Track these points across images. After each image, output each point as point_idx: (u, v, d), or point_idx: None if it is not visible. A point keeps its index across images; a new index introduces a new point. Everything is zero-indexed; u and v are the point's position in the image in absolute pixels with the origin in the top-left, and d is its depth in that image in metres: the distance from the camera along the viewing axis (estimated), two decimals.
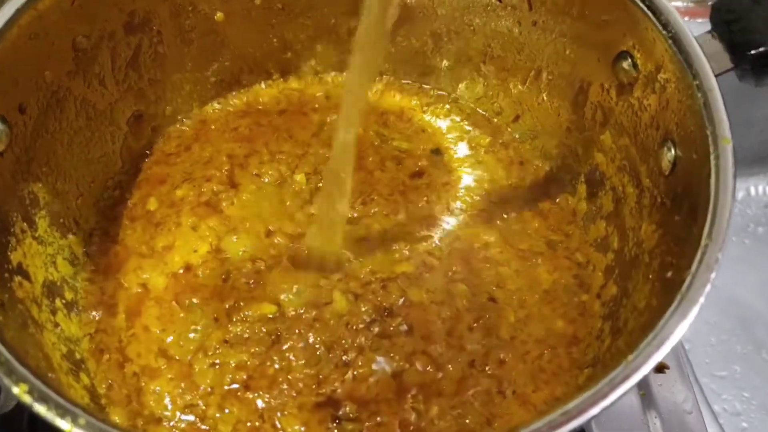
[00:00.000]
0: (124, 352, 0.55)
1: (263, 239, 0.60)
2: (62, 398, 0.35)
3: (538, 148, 0.67)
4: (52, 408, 0.34)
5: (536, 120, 0.67)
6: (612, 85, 0.57)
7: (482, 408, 0.52)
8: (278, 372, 0.53)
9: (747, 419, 1.08)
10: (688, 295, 0.39)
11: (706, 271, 0.39)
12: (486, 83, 0.70)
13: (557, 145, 0.66)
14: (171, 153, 0.67)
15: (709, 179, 0.43)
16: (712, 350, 1.15)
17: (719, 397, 1.11)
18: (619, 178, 0.58)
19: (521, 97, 0.68)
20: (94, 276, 0.59)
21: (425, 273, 0.58)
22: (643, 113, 0.53)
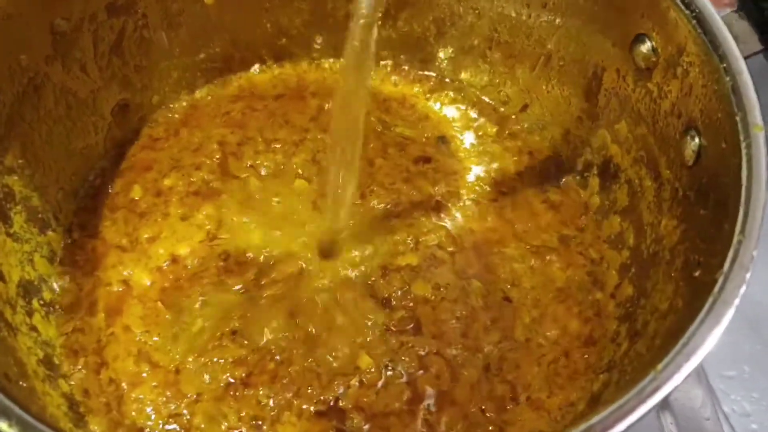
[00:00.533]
0: (101, 354, 0.51)
1: (257, 230, 0.57)
2: (28, 413, 0.31)
3: (548, 138, 0.64)
4: (15, 424, 0.31)
5: (545, 109, 0.64)
6: (629, 70, 0.53)
7: (495, 416, 0.49)
8: (278, 367, 0.50)
9: (757, 420, 1.04)
10: (721, 296, 0.35)
11: (741, 270, 0.35)
12: (492, 70, 0.66)
13: (567, 136, 0.62)
14: (158, 138, 0.63)
15: (739, 170, 0.40)
16: (721, 350, 1.11)
17: (728, 398, 1.08)
18: (636, 171, 0.54)
19: (529, 85, 0.64)
20: (71, 272, 0.55)
21: (433, 267, 0.55)
22: (663, 100, 0.50)
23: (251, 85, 0.67)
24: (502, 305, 0.54)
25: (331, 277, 0.55)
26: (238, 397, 0.49)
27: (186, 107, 0.65)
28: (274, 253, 0.56)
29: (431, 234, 0.57)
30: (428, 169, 0.62)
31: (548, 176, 0.61)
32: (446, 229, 0.58)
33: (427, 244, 0.57)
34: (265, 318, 0.52)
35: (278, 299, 0.53)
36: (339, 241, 0.55)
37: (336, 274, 0.55)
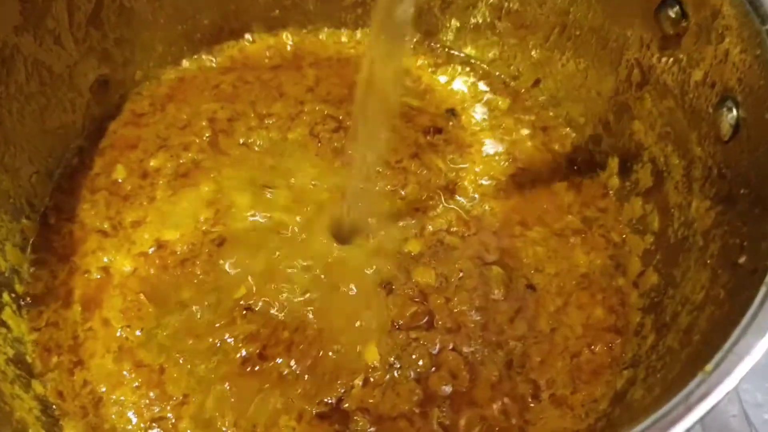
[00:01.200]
0: (77, 351, 0.47)
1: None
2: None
3: (562, 115, 0.59)
4: None
5: (559, 84, 0.59)
6: (654, 38, 0.49)
7: (517, 416, 0.45)
8: (276, 363, 0.46)
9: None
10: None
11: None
12: (501, 43, 0.62)
13: (584, 113, 0.58)
14: (143, 113, 0.58)
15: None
16: None
17: (740, 388, 1.04)
18: (661, 148, 0.50)
19: (542, 58, 0.59)
20: (44, 258, 0.50)
21: (444, 253, 0.51)
22: (694, 69, 0.45)
23: (244, 56, 0.63)
24: (526, 294, 0.50)
25: (336, 263, 0.50)
26: (229, 397, 0.45)
27: (172, 79, 0.61)
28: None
29: (439, 219, 0.53)
30: (439, 141, 0.57)
31: (566, 153, 0.57)
32: (458, 211, 0.53)
33: (437, 229, 0.52)
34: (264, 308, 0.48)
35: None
36: (349, 225, 0.51)
37: (341, 260, 0.50)
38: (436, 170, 0.56)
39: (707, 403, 0.27)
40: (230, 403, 0.44)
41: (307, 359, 0.46)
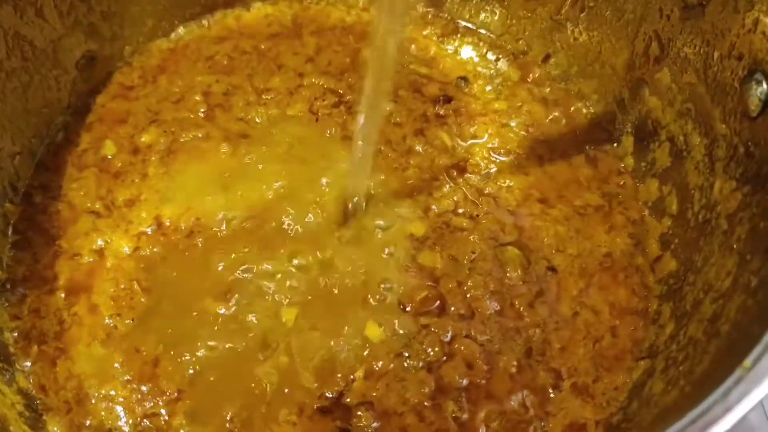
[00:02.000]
0: (61, 339, 0.44)
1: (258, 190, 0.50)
2: None
3: (574, 91, 0.56)
4: None
5: (571, 59, 0.56)
6: (674, 7, 0.46)
7: (536, 407, 0.43)
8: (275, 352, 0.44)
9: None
10: None
11: None
12: (509, 15, 0.59)
13: (597, 89, 0.55)
14: (132, 86, 0.55)
15: None
16: None
17: None
18: (680, 126, 0.47)
19: (553, 31, 0.56)
20: (27, 240, 0.48)
21: (447, 234, 0.48)
22: (719, 40, 0.42)
23: (240, 24, 0.60)
24: (546, 276, 0.47)
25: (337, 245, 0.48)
26: (227, 391, 0.42)
27: (164, 50, 0.58)
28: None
29: (448, 198, 0.50)
30: (449, 111, 0.54)
31: (581, 126, 0.54)
32: (466, 191, 0.51)
33: (443, 210, 0.50)
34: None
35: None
36: (354, 205, 0.48)
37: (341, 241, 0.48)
38: (441, 147, 0.53)
39: (748, 402, 0.25)
40: (228, 397, 0.42)
41: (308, 350, 0.44)
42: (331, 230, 0.48)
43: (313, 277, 0.46)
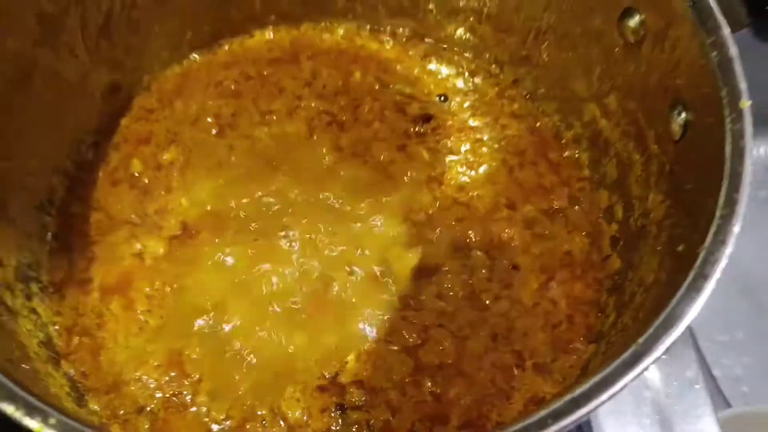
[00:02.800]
0: (99, 332, 0.52)
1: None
2: (32, 395, 0.33)
3: (541, 109, 0.64)
4: (21, 407, 0.32)
5: (537, 83, 0.64)
6: (618, 45, 0.53)
7: (503, 383, 0.51)
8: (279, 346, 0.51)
9: (748, 384, 1.07)
10: (702, 271, 0.36)
11: (722, 246, 0.36)
12: (482, 42, 0.66)
13: (559, 109, 0.63)
14: (152, 109, 0.63)
15: (724, 144, 0.40)
16: (714, 316, 1.13)
17: (720, 363, 1.10)
18: (624, 144, 0.55)
19: (520, 59, 0.64)
20: (64, 248, 0.55)
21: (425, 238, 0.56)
22: (652, 74, 0.50)
23: (244, 49, 0.67)
24: (511, 273, 0.55)
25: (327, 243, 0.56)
26: (242, 374, 0.50)
27: (177, 75, 0.65)
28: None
29: (427, 207, 0.58)
30: (428, 129, 0.62)
31: (546, 142, 0.62)
32: (443, 199, 0.58)
33: (421, 218, 0.57)
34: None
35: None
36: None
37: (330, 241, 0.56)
38: (420, 162, 0.61)
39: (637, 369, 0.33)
40: (242, 380, 0.50)
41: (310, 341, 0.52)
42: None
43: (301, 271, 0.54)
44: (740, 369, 1.10)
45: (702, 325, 1.12)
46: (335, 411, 0.49)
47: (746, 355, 1.10)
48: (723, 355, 1.11)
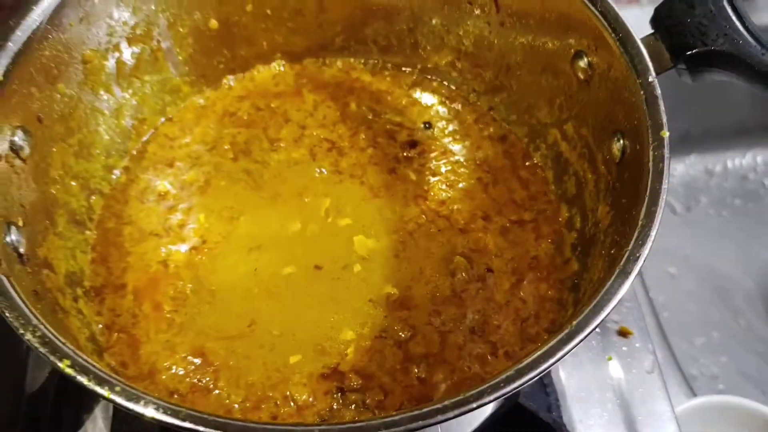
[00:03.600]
0: (134, 329, 0.61)
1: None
2: (99, 370, 0.42)
3: (513, 132, 0.73)
4: (92, 379, 0.41)
5: (509, 111, 0.73)
6: (573, 81, 0.63)
7: (478, 369, 0.59)
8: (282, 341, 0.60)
9: (723, 382, 1.16)
10: (625, 268, 0.45)
11: (640, 247, 0.45)
12: (461, 75, 0.76)
13: (528, 134, 0.72)
14: (175, 137, 0.73)
15: (648, 167, 0.50)
16: (691, 317, 1.22)
17: (697, 362, 1.19)
18: (580, 165, 0.64)
19: (494, 90, 0.74)
20: (102, 257, 0.65)
21: (411, 248, 0.65)
22: (598, 107, 0.60)
23: (254, 84, 0.77)
24: (486, 275, 0.64)
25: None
26: (254, 364, 0.59)
27: (197, 107, 0.75)
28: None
29: (414, 221, 0.67)
30: (414, 154, 0.71)
31: (519, 158, 0.71)
32: (428, 214, 0.67)
33: (411, 229, 0.66)
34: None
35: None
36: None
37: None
38: (408, 182, 0.70)
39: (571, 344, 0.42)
40: (256, 368, 0.59)
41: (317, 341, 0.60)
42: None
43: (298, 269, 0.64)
44: (717, 368, 1.19)
45: (680, 327, 1.22)
46: (336, 393, 0.58)
47: (722, 354, 1.19)
48: (700, 355, 1.20)
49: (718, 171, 1.33)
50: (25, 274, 0.52)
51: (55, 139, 0.61)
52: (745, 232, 1.27)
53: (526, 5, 0.65)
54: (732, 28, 0.53)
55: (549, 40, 0.64)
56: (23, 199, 0.56)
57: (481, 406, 0.40)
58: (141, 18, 0.66)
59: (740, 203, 1.31)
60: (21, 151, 0.56)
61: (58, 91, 0.60)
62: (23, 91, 0.56)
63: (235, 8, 0.72)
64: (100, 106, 0.66)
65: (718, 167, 1.33)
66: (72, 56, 0.61)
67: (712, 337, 1.19)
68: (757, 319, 1.21)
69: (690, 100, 1.18)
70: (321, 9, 0.74)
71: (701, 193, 1.30)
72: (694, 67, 0.54)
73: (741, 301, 1.22)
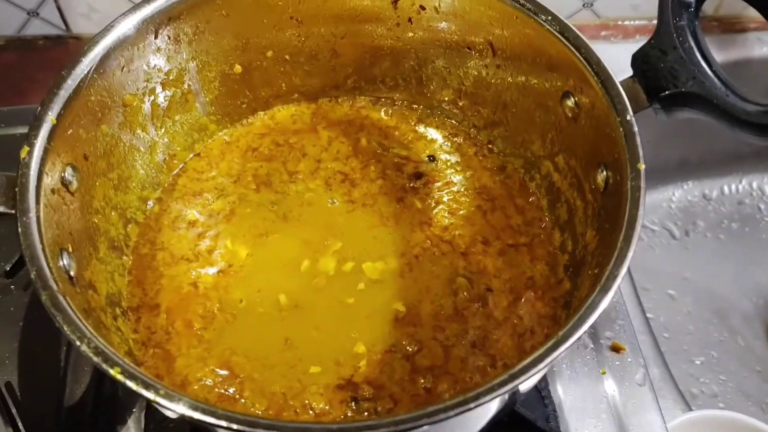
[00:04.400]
0: (167, 345, 0.67)
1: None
2: (145, 376, 0.48)
3: (510, 164, 0.80)
4: (140, 383, 0.47)
5: (506, 144, 0.80)
6: (561, 119, 0.70)
7: (479, 379, 0.65)
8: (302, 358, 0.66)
9: (723, 400, 1.21)
10: (605, 285, 0.51)
11: (619, 266, 0.52)
12: (463, 112, 0.83)
13: (524, 165, 0.79)
14: (203, 171, 0.80)
15: (627, 195, 0.56)
16: (690, 338, 1.27)
17: (697, 381, 1.24)
18: (571, 193, 0.70)
19: (492, 125, 0.80)
20: (138, 280, 0.71)
21: (416, 270, 0.72)
22: (585, 141, 0.66)
23: (275, 122, 0.84)
24: (486, 294, 0.70)
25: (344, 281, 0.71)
26: (276, 376, 0.65)
27: (222, 143, 0.82)
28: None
29: (416, 247, 0.73)
30: (420, 185, 0.78)
31: (514, 190, 0.78)
32: (431, 239, 0.74)
33: (415, 253, 0.73)
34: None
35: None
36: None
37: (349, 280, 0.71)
38: (414, 210, 0.77)
39: (554, 355, 0.48)
40: (277, 379, 0.65)
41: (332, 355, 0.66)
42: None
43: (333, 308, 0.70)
44: (716, 386, 1.24)
45: (680, 347, 1.27)
46: (350, 402, 0.64)
47: (722, 373, 1.24)
48: (700, 374, 1.25)
49: (715, 196, 1.39)
50: (76, 294, 0.58)
51: (98, 174, 0.68)
52: (741, 255, 1.32)
53: (519, 50, 0.72)
54: (700, 72, 0.60)
55: (540, 81, 0.71)
56: (71, 228, 0.63)
57: (479, 406, 0.46)
58: (174, 65, 0.74)
59: (737, 227, 1.37)
60: (70, 186, 0.63)
61: (101, 132, 0.68)
62: (73, 132, 0.63)
63: (257, 55, 0.79)
64: (137, 144, 0.73)
65: (714, 193, 1.39)
66: (114, 100, 0.69)
67: (712, 356, 1.23)
68: (755, 338, 1.26)
69: (687, 130, 1.24)
70: (334, 54, 0.82)
71: (699, 217, 1.36)
72: (667, 106, 0.61)
73: (739, 322, 1.27)
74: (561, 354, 0.48)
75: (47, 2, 1.03)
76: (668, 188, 1.36)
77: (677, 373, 0.99)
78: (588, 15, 1.14)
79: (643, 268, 1.26)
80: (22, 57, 1.07)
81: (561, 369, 0.79)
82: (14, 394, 0.74)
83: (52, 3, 1.03)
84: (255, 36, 0.78)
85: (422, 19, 0.77)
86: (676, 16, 0.61)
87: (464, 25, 0.75)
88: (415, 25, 0.78)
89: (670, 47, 0.61)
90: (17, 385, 0.75)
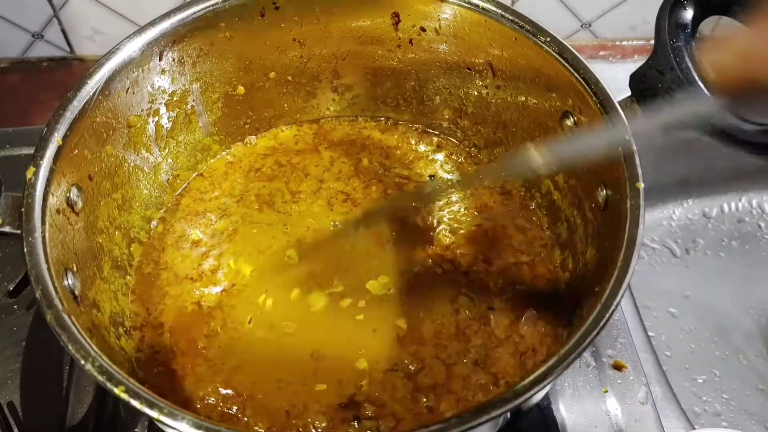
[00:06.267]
0: (172, 364, 0.67)
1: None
2: (149, 395, 0.48)
3: (510, 184, 0.81)
4: (144, 402, 0.48)
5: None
6: (560, 136, 0.70)
7: (482, 398, 0.65)
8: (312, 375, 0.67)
9: (726, 419, 1.20)
10: (606, 303, 0.52)
11: (619, 285, 0.52)
12: (463, 133, 0.84)
13: (523, 185, 0.79)
14: (206, 191, 0.80)
15: (627, 214, 0.56)
16: (692, 356, 1.27)
17: (700, 399, 1.23)
18: (571, 212, 0.71)
19: (493, 144, 0.81)
20: (141, 300, 0.72)
21: (418, 288, 0.72)
22: (585, 161, 0.67)
23: (278, 142, 0.85)
24: (487, 312, 0.70)
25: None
26: (279, 394, 0.65)
27: (225, 163, 0.83)
28: None
29: (419, 266, 0.74)
30: (421, 205, 0.78)
31: (513, 210, 0.78)
32: (433, 257, 0.74)
33: (417, 270, 0.73)
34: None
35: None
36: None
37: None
38: (417, 228, 0.77)
39: (555, 374, 0.48)
40: (280, 398, 0.65)
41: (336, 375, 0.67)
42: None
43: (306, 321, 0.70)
44: (719, 405, 1.23)
45: (682, 365, 1.26)
46: (353, 421, 0.64)
47: (724, 391, 1.24)
48: (702, 393, 1.25)
49: (715, 214, 1.39)
50: (80, 313, 0.59)
51: (102, 194, 0.69)
52: (742, 272, 1.32)
53: (519, 71, 0.73)
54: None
55: (540, 101, 0.72)
56: (76, 248, 0.63)
57: (481, 424, 0.46)
58: (178, 86, 0.75)
59: (737, 245, 1.37)
60: (75, 206, 0.63)
61: (106, 152, 0.69)
62: (78, 153, 0.64)
63: (260, 76, 0.80)
64: (141, 165, 0.74)
65: (715, 210, 1.39)
66: (119, 121, 0.70)
67: (714, 374, 1.23)
68: (757, 356, 1.25)
69: (686, 148, 1.25)
70: (336, 75, 0.83)
71: (699, 235, 1.36)
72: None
73: (741, 340, 1.27)
74: (563, 372, 0.49)
75: (52, 24, 1.04)
76: (668, 206, 1.37)
77: (680, 392, 0.99)
78: (586, 36, 1.16)
79: (644, 286, 1.26)
80: (27, 78, 1.08)
81: (563, 387, 0.79)
82: (16, 414, 0.74)
83: (56, 25, 1.04)
84: (258, 58, 0.79)
85: (423, 41, 0.79)
86: (673, 37, 0.62)
87: (464, 47, 0.77)
88: (416, 46, 0.79)
89: (668, 68, 0.61)
90: (19, 405, 0.75)
